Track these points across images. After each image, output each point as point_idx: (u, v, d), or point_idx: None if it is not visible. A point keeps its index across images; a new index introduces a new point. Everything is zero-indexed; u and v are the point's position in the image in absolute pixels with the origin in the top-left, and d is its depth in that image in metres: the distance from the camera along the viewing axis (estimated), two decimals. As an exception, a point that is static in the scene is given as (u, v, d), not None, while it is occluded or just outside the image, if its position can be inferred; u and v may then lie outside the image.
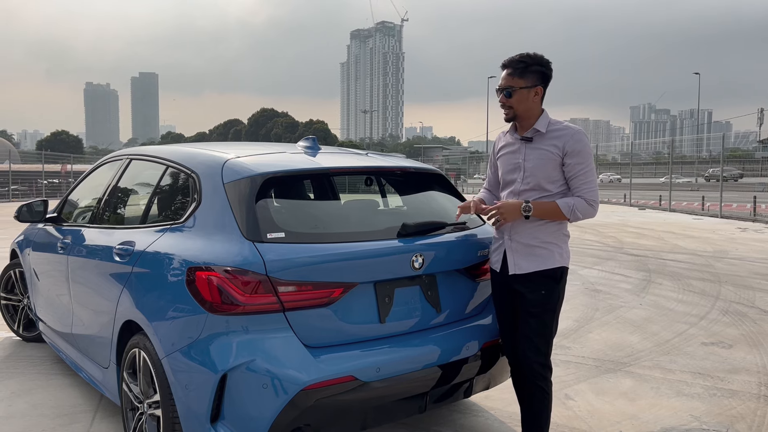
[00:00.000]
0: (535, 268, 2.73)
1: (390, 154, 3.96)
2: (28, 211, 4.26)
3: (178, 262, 2.61)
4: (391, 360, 2.58)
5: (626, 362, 4.50)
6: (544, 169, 2.71)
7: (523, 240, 2.75)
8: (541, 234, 2.74)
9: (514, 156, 2.81)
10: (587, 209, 2.69)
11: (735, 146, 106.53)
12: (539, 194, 2.73)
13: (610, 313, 5.99)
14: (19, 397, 3.82)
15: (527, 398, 2.83)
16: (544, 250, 2.74)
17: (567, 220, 2.70)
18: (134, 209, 3.50)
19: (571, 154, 2.67)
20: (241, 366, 2.36)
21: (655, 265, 8.83)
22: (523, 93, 2.70)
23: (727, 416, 3.54)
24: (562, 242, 2.78)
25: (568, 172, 2.70)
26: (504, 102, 2.75)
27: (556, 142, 2.70)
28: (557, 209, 2.68)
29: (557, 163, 2.70)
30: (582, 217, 2.69)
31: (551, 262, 2.74)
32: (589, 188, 2.69)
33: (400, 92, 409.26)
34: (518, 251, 2.76)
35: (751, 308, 6.15)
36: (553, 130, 2.73)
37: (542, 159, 2.71)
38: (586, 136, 2.73)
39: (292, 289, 2.43)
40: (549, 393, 2.79)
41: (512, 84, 2.71)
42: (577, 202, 2.68)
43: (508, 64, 2.73)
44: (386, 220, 3.05)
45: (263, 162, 2.79)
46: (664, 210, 20.80)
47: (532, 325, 2.74)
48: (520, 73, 2.70)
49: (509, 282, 2.80)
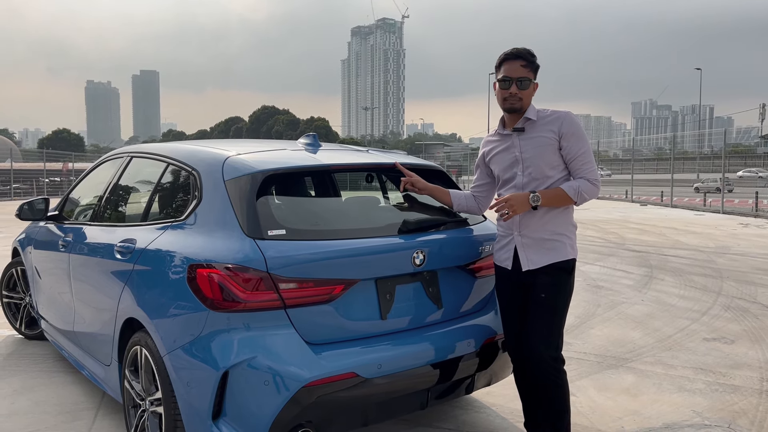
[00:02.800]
0: (548, 261, 2.71)
1: (391, 150, 3.96)
2: (29, 209, 4.27)
3: (180, 260, 2.61)
4: (393, 356, 2.58)
5: (628, 358, 4.50)
6: (544, 155, 2.70)
7: (534, 234, 2.73)
8: (551, 226, 2.73)
9: (507, 152, 2.80)
10: (591, 189, 2.70)
11: (737, 142, 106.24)
12: (542, 183, 2.72)
13: (611, 309, 5.98)
14: (21, 394, 3.82)
15: (545, 397, 2.76)
16: (557, 242, 2.73)
17: (574, 203, 2.71)
18: (135, 207, 3.51)
19: (568, 136, 2.68)
20: (242, 363, 2.36)
21: (657, 260, 8.83)
22: (533, 86, 2.73)
23: (729, 411, 3.54)
24: (571, 233, 2.78)
25: (567, 154, 2.71)
26: (515, 92, 2.70)
27: (551, 126, 2.70)
28: (563, 194, 2.68)
29: (555, 148, 2.70)
30: (587, 198, 2.70)
31: (563, 253, 2.73)
32: (590, 168, 2.71)
33: (401, 89, 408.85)
34: (530, 246, 2.74)
35: (753, 304, 6.14)
36: (544, 116, 2.74)
37: (540, 146, 2.70)
38: (577, 117, 2.75)
39: (293, 286, 2.43)
40: (565, 385, 2.75)
41: (528, 75, 2.70)
42: (581, 183, 2.68)
43: (521, 55, 2.71)
44: (387, 217, 3.05)
45: (264, 159, 2.79)
46: (665, 206, 20.78)
47: (545, 319, 2.71)
48: (532, 66, 2.71)
49: (520, 278, 2.77)
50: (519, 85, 2.69)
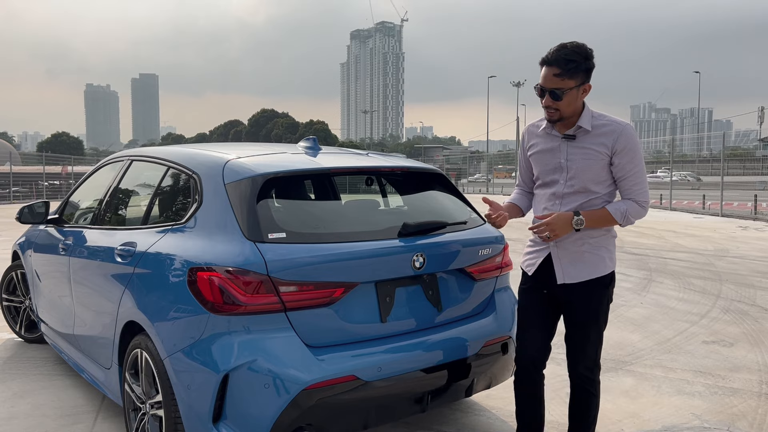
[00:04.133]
0: (586, 277, 2.53)
1: (390, 154, 3.97)
2: (29, 213, 4.28)
3: (180, 263, 2.62)
4: (393, 359, 2.59)
5: (627, 361, 4.50)
6: (591, 170, 2.47)
7: (571, 247, 2.53)
8: (590, 238, 2.53)
9: (553, 155, 2.56)
10: (639, 212, 2.50)
11: (735, 145, 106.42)
12: (585, 197, 2.51)
13: (611, 311, 5.97)
14: (21, 398, 3.82)
15: (579, 409, 2.68)
16: (595, 256, 2.54)
17: (620, 225, 2.52)
18: (135, 210, 3.51)
19: (621, 153, 2.43)
20: (242, 366, 2.36)
21: (656, 263, 8.83)
22: (572, 93, 2.41)
23: (728, 414, 3.54)
24: (611, 245, 2.59)
25: (617, 172, 2.47)
26: (550, 104, 2.44)
27: (604, 140, 2.45)
28: (609, 217, 2.46)
29: (605, 163, 2.47)
30: (633, 221, 2.51)
31: (602, 268, 2.55)
32: (641, 189, 2.48)
33: (400, 92, 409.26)
34: (566, 258, 2.55)
35: (752, 306, 6.15)
36: (599, 126, 2.47)
37: (589, 159, 2.47)
38: (635, 131, 2.48)
39: (293, 289, 2.44)
40: (598, 395, 2.70)
41: (561, 86, 2.39)
42: (629, 206, 2.47)
43: (554, 61, 2.39)
44: (387, 220, 3.06)
45: (264, 162, 2.80)
46: (664, 209, 20.79)
47: (588, 337, 2.58)
48: (571, 73, 2.39)
49: (552, 289, 2.61)
50: (552, 96, 2.41)
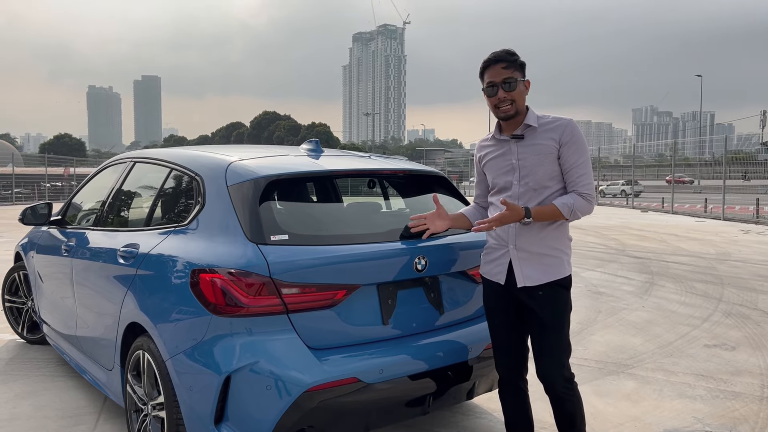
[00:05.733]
0: (547, 279, 2.56)
1: (392, 156, 3.98)
2: (32, 214, 4.29)
3: (182, 265, 2.62)
4: (394, 362, 2.59)
5: (629, 364, 4.50)
6: (543, 165, 2.55)
7: (530, 248, 2.58)
8: (548, 240, 2.58)
9: (503, 158, 2.64)
10: (585, 206, 2.54)
11: (738, 148, 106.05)
12: (540, 194, 2.57)
13: (612, 315, 5.99)
14: (23, 399, 3.83)
15: (563, 413, 2.65)
16: (554, 258, 2.58)
17: (566, 220, 2.56)
18: (138, 212, 3.52)
19: (568, 144, 2.53)
20: (244, 367, 2.37)
21: (658, 267, 8.83)
22: (520, 85, 2.56)
23: (730, 418, 3.54)
24: (567, 248, 2.64)
25: (564, 164, 2.55)
26: (505, 96, 2.54)
27: (552, 134, 2.55)
28: (556, 211, 2.52)
29: (555, 157, 2.55)
30: (580, 216, 2.55)
31: (562, 270, 2.59)
32: (586, 181, 2.55)
33: (402, 95, 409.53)
34: (526, 260, 2.58)
35: (753, 310, 6.15)
36: (545, 123, 2.58)
37: (539, 154, 2.55)
38: (578, 126, 2.60)
39: (295, 291, 2.44)
40: (579, 397, 2.67)
41: (512, 75, 2.53)
42: (575, 200, 2.52)
43: (500, 58, 2.55)
44: (389, 223, 3.06)
45: (266, 165, 2.80)
46: (666, 212, 20.78)
47: (553, 340, 2.58)
48: (515, 65, 2.55)
49: (514, 294, 2.63)
50: (505, 87, 2.53)
